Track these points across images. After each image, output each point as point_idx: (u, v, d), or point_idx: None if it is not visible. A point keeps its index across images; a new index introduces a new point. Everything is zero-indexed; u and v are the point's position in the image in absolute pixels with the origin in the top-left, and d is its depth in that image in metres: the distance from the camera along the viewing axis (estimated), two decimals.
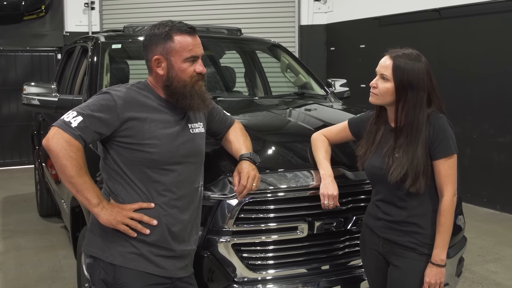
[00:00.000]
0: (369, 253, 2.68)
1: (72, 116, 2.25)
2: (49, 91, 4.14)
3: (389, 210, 2.55)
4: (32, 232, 6.20)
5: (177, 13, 10.03)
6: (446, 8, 7.50)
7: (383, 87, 2.46)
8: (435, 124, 2.44)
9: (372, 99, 2.54)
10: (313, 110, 4.02)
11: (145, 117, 2.33)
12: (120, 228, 2.29)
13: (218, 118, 2.77)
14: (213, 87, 5.05)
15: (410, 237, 2.51)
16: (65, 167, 2.20)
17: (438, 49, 7.77)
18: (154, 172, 2.34)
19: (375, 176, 2.59)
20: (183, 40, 2.36)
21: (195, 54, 2.38)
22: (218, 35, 5.07)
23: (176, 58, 2.37)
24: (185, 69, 2.37)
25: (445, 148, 2.44)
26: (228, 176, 2.73)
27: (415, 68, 2.44)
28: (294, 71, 4.99)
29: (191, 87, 2.38)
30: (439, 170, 2.45)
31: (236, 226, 2.70)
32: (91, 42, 4.55)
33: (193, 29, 2.41)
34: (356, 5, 9.35)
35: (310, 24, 10.14)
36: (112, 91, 2.35)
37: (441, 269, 2.47)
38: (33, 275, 4.91)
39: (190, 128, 2.48)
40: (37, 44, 10.34)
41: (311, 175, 2.83)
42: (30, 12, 10.11)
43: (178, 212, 2.41)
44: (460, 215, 3.58)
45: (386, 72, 2.46)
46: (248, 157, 2.64)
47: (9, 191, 8.31)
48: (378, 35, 8.72)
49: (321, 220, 2.80)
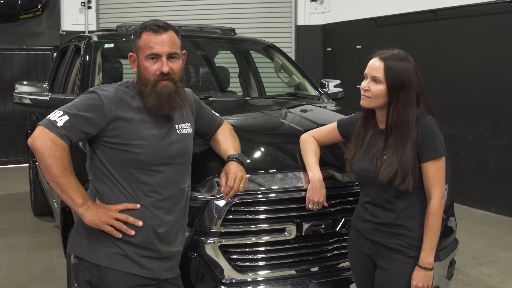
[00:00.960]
0: (357, 256, 2.67)
1: (58, 116, 2.23)
2: (40, 90, 4.12)
3: (377, 212, 2.54)
4: (25, 231, 6.18)
5: (173, 13, 10.02)
6: (442, 9, 7.49)
7: (376, 89, 2.45)
8: (423, 126, 2.43)
9: (365, 102, 2.51)
10: (304, 111, 4.00)
11: (131, 117, 2.32)
12: (104, 228, 2.28)
13: (207, 118, 2.75)
14: (207, 87, 5.04)
15: (397, 239, 2.50)
16: (50, 167, 2.19)
17: (434, 50, 7.77)
18: (140, 173, 2.33)
19: (363, 178, 2.57)
20: (146, 38, 2.36)
21: (155, 52, 2.33)
22: (212, 35, 5.06)
23: (141, 55, 2.38)
24: (147, 67, 2.35)
25: (433, 150, 2.42)
26: (216, 177, 2.71)
27: (405, 68, 2.44)
28: (287, 71, 4.98)
29: (152, 86, 2.34)
30: (427, 173, 2.43)
31: (223, 227, 2.68)
32: (84, 41, 4.54)
33: (161, 27, 2.37)
34: (352, 5, 9.34)
35: (306, 25, 10.12)
36: (99, 91, 2.33)
37: (428, 273, 2.45)
38: (25, 274, 4.89)
39: (177, 129, 2.46)
40: (33, 43, 10.33)
41: (300, 176, 2.82)
42: (26, 11, 10.10)
43: (164, 213, 2.39)
44: (452, 217, 3.58)
45: (378, 74, 2.44)
46: (235, 158, 2.63)
47: (3, 190, 8.29)
48: (375, 36, 8.71)
49: (309, 222, 2.79)
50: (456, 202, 7.43)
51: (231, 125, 2.87)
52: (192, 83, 5.09)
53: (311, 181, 2.73)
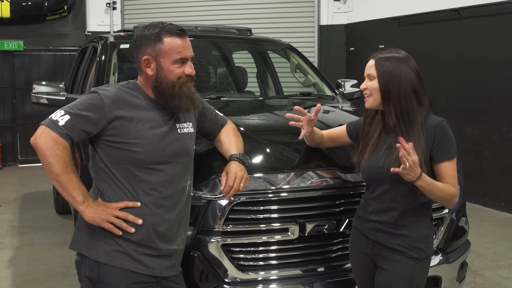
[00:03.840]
0: (358, 257, 2.66)
1: (59, 115, 2.28)
2: (57, 90, 4.21)
3: (381, 211, 2.53)
4: (47, 229, 6.30)
5: (196, 13, 10.11)
6: (466, 7, 7.38)
7: (371, 85, 2.50)
8: (437, 128, 2.45)
9: (367, 103, 2.55)
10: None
11: (132, 116, 2.35)
12: (104, 226, 2.31)
13: (210, 118, 2.77)
14: (225, 88, 5.06)
15: (399, 240, 2.49)
16: (51, 165, 2.23)
17: (457, 49, 7.67)
18: (140, 171, 2.35)
19: (372, 176, 2.56)
20: (172, 42, 2.38)
21: (184, 56, 2.39)
22: (228, 35, 5.08)
23: (165, 59, 2.38)
24: (173, 71, 2.38)
25: (448, 151, 2.44)
26: (219, 176, 2.72)
27: (394, 59, 2.50)
28: (303, 71, 4.97)
29: (179, 88, 2.39)
30: (443, 173, 2.44)
31: (226, 226, 2.69)
32: (101, 41, 4.60)
33: (183, 31, 2.42)
34: (375, 5, 9.27)
35: (329, 24, 10.09)
36: (100, 91, 2.37)
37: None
38: (44, 271, 4.98)
39: (178, 128, 2.48)
40: (59, 43, 10.53)
41: (303, 176, 2.81)
42: (53, 12, 10.31)
43: (165, 212, 2.41)
44: (464, 217, 3.52)
45: (371, 71, 2.51)
46: (237, 157, 2.64)
47: (29, 187, 8.47)
48: (398, 35, 8.64)
49: (312, 222, 2.78)
50: (479, 204, 7.38)
51: (235, 125, 2.88)
52: (212, 83, 5.12)
53: None
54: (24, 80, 10.37)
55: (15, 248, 5.64)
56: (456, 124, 7.67)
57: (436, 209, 3.05)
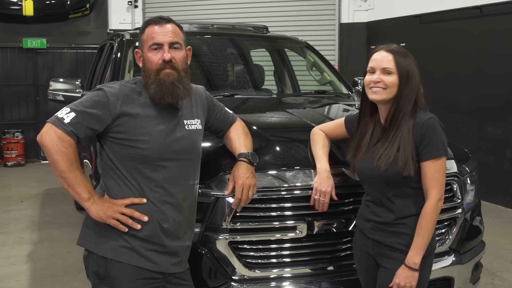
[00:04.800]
0: (361, 256, 2.65)
1: (65, 112, 2.29)
2: (73, 87, 4.25)
3: (379, 211, 2.52)
4: (66, 224, 6.38)
5: (217, 11, 10.12)
6: (488, 5, 7.25)
7: (389, 79, 2.44)
8: (424, 125, 2.40)
9: (377, 96, 2.47)
10: (328, 108, 3.96)
11: (137, 113, 2.35)
12: (110, 222, 2.32)
13: (219, 115, 2.76)
14: (242, 86, 5.06)
15: (398, 238, 2.47)
16: (57, 162, 2.25)
17: (479, 47, 7.54)
18: (146, 168, 2.36)
19: (365, 176, 2.56)
20: (149, 30, 2.42)
21: (156, 41, 2.38)
22: (244, 32, 5.08)
23: (145, 48, 2.42)
24: (150, 58, 2.39)
25: (432, 150, 2.39)
26: (227, 174, 2.71)
27: (409, 60, 2.47)
28: (319, 69, 4.94)
29: (155, 75, 2.38)
30: (425, 173, 2.40)
31: (234, 224, 2.69)
32: (118, 39, 4.63)
33: (163, 19, 2.43)
34: (396, 3, 9.18)
35: (350, 22, 10.02)
36: (105, 88, 2.38)
37: (413, 273, 2.40)
38: (61, 266, 5.05)
39: (185, 124, 2.48)
40: (82, 41, 10.64)
41: (312, 174, 2.79)
42: (75, 10, 10.44)
43: (171, 209, 2.42)
44: (478, 216, 3.46)
45: (390, 65, 2.44)
46: (245, 157, 2.64)
47: (51, 184, 8.56)
48: (419, 33, 8.53)
49: (320, 221, 2.76)
50: (500, 204, 7.26)
51: (244, 123, 2.88)
52: (228, 81, 5.13)
53: (319, 172, 2.71)
54: (47, 77, 10.47)
55: (34, 243, 5.72)
56: (477, 123, 7.57)
57: (448, 209, 3.01)
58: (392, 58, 2.44)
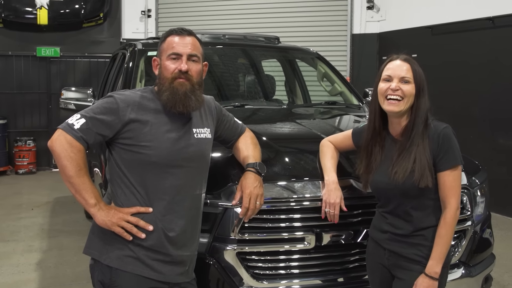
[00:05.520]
0: (375, 267, 2.62)
1: (75, 119, 2.32)
2: (85, 96, 4.27)
3: (396, 223, 2.50)
4: (76, 233, 6.38)
5: (229, 21, 10.16)
6: (500, 16, 7.23)
7: (407, 89, 2.42)
8: (441, 135, 2.39)
9: (394, 108, 2.42)
10: (338, 120, 3.95)
11: (146, 119, 2.37)
12: (115, 230, 2.33)
13: (228, 125, 2.77)
14: (252, 96, 5.07)
15: (416, 250, 2.45)
16: (65, 167, 2.26)
17: (491, 58, 7.51)
18: (153, 175, 2.37)
19: (381, 191, 2.54)
20: (170, 40, 2.47)
21: (176, 51, 2.43)
22: (256, 43, 5.09)
23: (163, 56, 2.47)
24: (167, 66, 2.43)
25: (450, 159, 2.38)
26: (235, 184, 2.71)
27: (421, 72, 2.47)
28: (330, 80, 4.94)
29: (169, 83, 2.42)
30: (443, 182, 2.39)
31: (242, 234, 2.68)
32: (130, 48, 4.66)
33: (186, 31, 2.48)
34: (409, 13, 9.16)
35: (362, 33, 10.01)
36: (115, 95, 2.42)
37: (434, 282, 2.39)
38: (70, 275, 5.05)
39: (194, 132, 2.50)
40: (95, 50, 10.72)
41: (320, 185, 2.78)
42: (89, 20, 10.52)
43: (177, 217, 2.42)
44: (489, 229, 3.43)
45: (408, 75, 2.44)
46: (253, 167, 2.64)
47: (61, 192, 8.59)
48: (431, 44, 8.50)
49: (329, 232, 2.75)
50: (507, 216, 7.17)
51: (253, 133, 2.88)
52: (240, 91, 5.13)
53: (326, 184, 2.71)
54: (60, 86, 10.53)
55: (43, 251, 5.74)
56: (489, 134, 7.52)
57: (458, 221, 2.96)
58: (409, 67, 2.44)
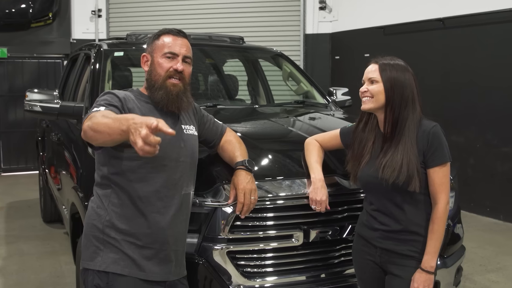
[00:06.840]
0: (364, 264, 2.66)
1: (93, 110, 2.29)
2: (51, 98, 4.17)
3: (386, 221, 2.55)
4: (35, 238, 6.22)
5: (181, 21, 10.08)
6: (451, 17, 7.49)
7: (373, 88, 2.53)
8: (430, 133, 2.47)
9: (365, 105, 2.56)
10: (312, 118, 4.02)
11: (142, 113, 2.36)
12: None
13: (209, 125, 2.80)
14: (216, 95, 5.08)
15: (410, 246, 2.51)
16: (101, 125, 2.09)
17: (442, 58, 7.78)
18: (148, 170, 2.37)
19: (370, 185, 2.59)
20: (166, 39, 2.51)
21: (173, 51, 2.47)
22: (220, 43, 5.11)
23: (157, 53, 2.50)
24: (162, 63, 2.47)
25: (440, 156, 2.46)
26: (223, 184, 2.74)
27: (397, 66, 2.57)
28: (295, 79, 5.01)
29: (163, 81, 2.46)
30: (433, 178, 2.46)
31: (231, 233, 2.71)
32: (94, 49, 4.58)
33: (182, 33, 2.54)
34: (361, 14, 9.36)
35: (315, 33, 10.16)
36: (111, 91, 2.45)
37: (430, 276, 2.48)
38: (34, 281, 4.92)
39: (184, 129, 2.54)
40: (44, 51, 10.43)
41: (307, 183, 2.84)
42: (37, 20, 10.21)
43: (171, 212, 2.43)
44: (459, 224, 3.58)
45: (374, 75, 2.55)
46: (243, 164, 2.67)
47: (14, 196, 8.35)
48: (383, 44, 8.72)
49: (316, 229, 2.81)
50: (464, 210, 7.44)
51: (235, 132, 2.91)
52: (201, 91, 5.14)
53: (313, 181, 2.77)
54: (8, 87, 10.26)
55: (3, 258, 5.57)
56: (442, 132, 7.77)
57: None
58: (377, 68, 2.55)
